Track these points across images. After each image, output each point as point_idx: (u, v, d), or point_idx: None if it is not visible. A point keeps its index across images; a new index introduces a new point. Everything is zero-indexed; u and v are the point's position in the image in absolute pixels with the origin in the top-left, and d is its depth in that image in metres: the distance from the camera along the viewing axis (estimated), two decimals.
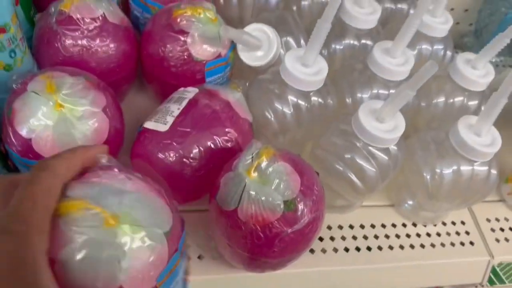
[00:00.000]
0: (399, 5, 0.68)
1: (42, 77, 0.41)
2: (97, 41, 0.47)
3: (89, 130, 0.42)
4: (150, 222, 0.27)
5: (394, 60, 0.52)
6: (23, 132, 0.40)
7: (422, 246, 0.55)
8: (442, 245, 0.56)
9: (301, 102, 0.49)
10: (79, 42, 0.47)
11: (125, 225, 0.25)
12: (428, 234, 0.57)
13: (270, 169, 0.40)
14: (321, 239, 0.53)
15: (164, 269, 0.27)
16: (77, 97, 0.41)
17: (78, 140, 0.41)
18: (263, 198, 0.39)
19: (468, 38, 0.83)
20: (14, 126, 0.40)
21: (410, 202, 0.56)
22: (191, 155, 0.45)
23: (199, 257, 0.48)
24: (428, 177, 0.51)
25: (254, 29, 0.53)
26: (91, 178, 0.27)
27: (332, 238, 0.53)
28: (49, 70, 0.43)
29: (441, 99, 0.57)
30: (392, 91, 0.53)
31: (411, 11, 0.68)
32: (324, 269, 0.51)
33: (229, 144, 0.47)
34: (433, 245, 0.56)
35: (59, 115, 0.40)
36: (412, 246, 0.55)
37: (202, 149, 0.45)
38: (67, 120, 0.40)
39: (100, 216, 0.25)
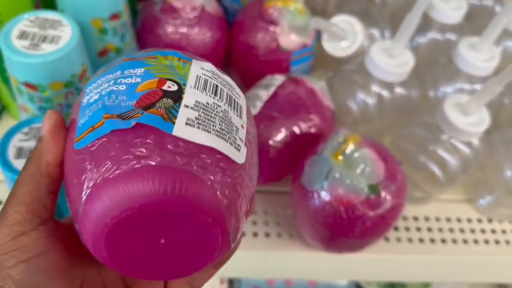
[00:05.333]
0: (484, 1, 0.67)
1: None
2: (196, 29, 0.51)
3: None
4: None
5: (479, 56, 0.52)
6: None
7: (497, 242, 0.55)
8: None
9: (384, 93, 0.50)
10: (180, 30, 0.51)
11: None
12: (503, 231, 0.57)
13: (356, 154, 0.42)
14: (395, 228, 0.54)
15: None
16: None
17: None
18: (347, 181, 0.41)
19: None
20: None
21: (487, 198, 0.56)
22: (277, 139, 0.48)
23: (278, 235, 0.51)
24: (508, 173, 0.51)
25: (340, 20, 0.55)
26: None
27: (407, 228, 0.54)
28: None
29: None
30: (475, 86, 0.53)
31: (497, 8, 0.67)
32: (398, 257, 0.52)
33: (312, 130, 0.49)
34: (507, 242, 0.56)
35: None
36: (486, 241, 0.55)
37: (287, 133, 0.48)
38: None
39: None
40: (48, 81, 0.40)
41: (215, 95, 0.24)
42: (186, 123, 0.22)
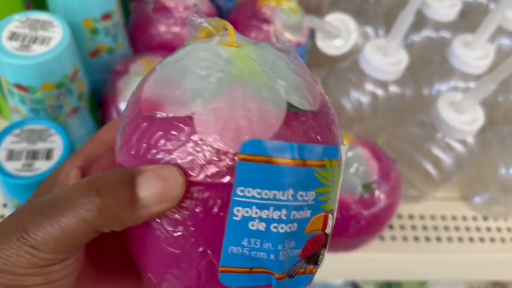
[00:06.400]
0: None
1: (142, 61, 0.45)
2: None
3: None
4: None
5: (474, 54, 0.52)
6: None
7: (492, 240, 0.56)
8: None
9: (379, 92, 0.50)
10: (173, 29, 0.50)
11: None
12: (498, 229, 0.57)
13: (350, 154, 0.42)
14: (390, 227, 0.54)
15: None
16: None
17: None
18: (341, 181, 0.41)
19: None
20: (117, 104, 0.44)
21: (482, 196, 0.56)
22: None
23: None
24: (503, 171, 0.51)
25: (334, 18, 0.55)
26: None
27: (402, 227, 0.54)
28: (146, 54, 0.47)
29: None
30: (470, 84, 0.53)
31: (491, 5, 0.67)
32: (393, 256, 0.52)
33: None
34: (502, 240, 0.56)
35: None
36: (481, 240, 0.55)
37: None
38: None
39: None
40: (40, 83, 0.39)
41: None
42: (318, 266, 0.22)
